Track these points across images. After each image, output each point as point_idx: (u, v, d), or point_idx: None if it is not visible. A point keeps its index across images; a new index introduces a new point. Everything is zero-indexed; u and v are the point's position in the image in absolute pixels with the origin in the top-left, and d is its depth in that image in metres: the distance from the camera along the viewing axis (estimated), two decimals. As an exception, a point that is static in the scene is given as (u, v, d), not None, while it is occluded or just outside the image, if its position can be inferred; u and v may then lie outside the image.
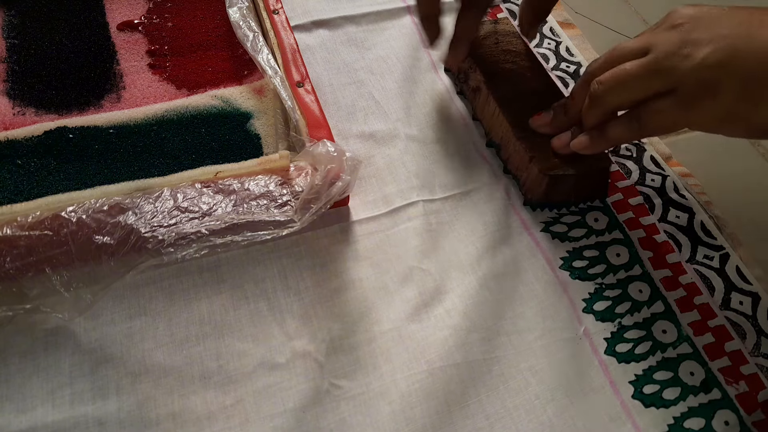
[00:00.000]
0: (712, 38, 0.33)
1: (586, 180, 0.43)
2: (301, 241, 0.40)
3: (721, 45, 0.33)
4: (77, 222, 0.35)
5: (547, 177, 0.41)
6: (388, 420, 0.34)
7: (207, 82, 0.48)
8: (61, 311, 0.34)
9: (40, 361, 0.35)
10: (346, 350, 0.36)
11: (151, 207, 0.36)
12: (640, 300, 0.40)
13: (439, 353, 0.37)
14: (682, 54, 0.34)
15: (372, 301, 0.39)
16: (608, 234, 0.43)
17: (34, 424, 0.33)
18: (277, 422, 0.34)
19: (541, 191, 0.42)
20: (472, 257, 0.41)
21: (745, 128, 0.34)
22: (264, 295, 0.38)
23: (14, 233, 0.34)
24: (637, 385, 0.36)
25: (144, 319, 0.36)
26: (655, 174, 0.46)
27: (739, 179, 0.51)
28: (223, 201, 0.37)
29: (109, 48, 0.49)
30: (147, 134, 0.43)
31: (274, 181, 0.39)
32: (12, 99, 0.45)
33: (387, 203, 0.43)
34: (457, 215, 0.43)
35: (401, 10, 0.57)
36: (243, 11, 0.48)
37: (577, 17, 0.62)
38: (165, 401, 0.34)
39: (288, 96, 0.43)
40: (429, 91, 0.51)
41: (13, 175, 0.40)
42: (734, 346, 0.38)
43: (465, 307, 0.39)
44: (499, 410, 0.35)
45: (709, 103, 0.33)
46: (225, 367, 0.35)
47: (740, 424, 0.35)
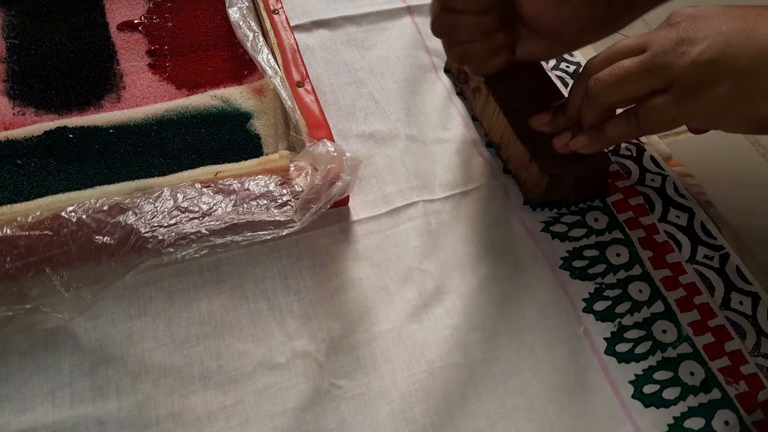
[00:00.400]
0: (708, 35, 0.33)
1: (586, 179, 0.43)
2: (301, 241, 0.40)
3: (716, 41, 0.33)
4: (77, 222, 0.35)
5: (548, 176, 0.41)
6: (388, 420, 0.34)
7: (207, 82, 0.48)
8: (61, 311, 0.34)
9: (40, 361, 0.35)
10: (346, 350, 0.36)
11: (151, 207, 0.36)
12: (640, 300, 0.40)
13: (439, 353, 0.37)
14: (679, 51, 0.34)
15: (372, 301, 0.39)
16: (608, 234, 0.43)
17: (34, 424, 0.33)
18: (277, 422, 0.34)
19: (542, 190, 0.42)
20: (472, 257, 0.41)
21: (741, 122, 0.34)
22: (264, 295, 0.38)
23: (14, 233, 0.34)
24: (636, 385, 0.36)
25: (144, 319, 0.36)
26: (655, 174, 0.46)
27: (739, 179, 0.51)
28: (223, 201, 0.37)
29: (109, 48, 0.49)
30: (147, 134, 0.43)
31: (274, 181, 0.39)
32: (12, 99, 0.45)
33: (387, 203, 0.43)
34: (458, 215, 0.43)
35: (401, 11, 0.57)
36: (243, 11, 0.48)
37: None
38: (165, 401, 0.34)
39: (288, 96, 0.43)
40: (429, 91, 0.51)
41: (13, 175, 0.40)
42: (734, 346, 0.38)
43: (465, 306, 0.39)
44: (499, 410, 0.35)
45: (705, 99, 0.33)
46: (225, 367, 0.35)
47: (740, 424, 0.35)
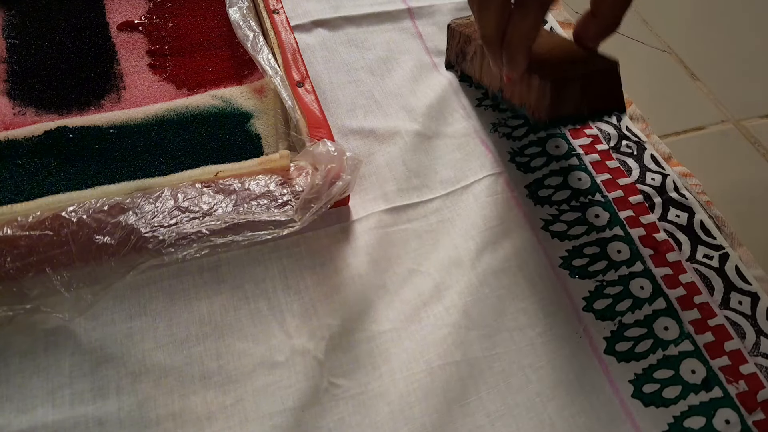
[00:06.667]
0: None
1: (594, 84, 0.39)
2: (302, 241, 0.40)
3: None
4: (78, 222, 0.35)
5: (549, 83, 0.38)
6: (388, 419, 0.34)
7: (207, 82, 0.48)
8: (61, 311, 0.35)
9: (40, 361, 0.35)
10: (345, 349, 0.36)
11: (151, 207, 0.36)
12: (642, 297, 0.40)
13: (438, 352, 0.37)
14: None
15: (372, 299, 0.39)
16: (609, 230, 0.43)
17: (34, 424, 0.33)
18: (276, 421, 0.34)
19: (548, 104, 0.38)
20: (471, 253, 0.41)
21: None
22: (264, 295, 0.38)
23: (14, 233, 0.34)
24: (636, 384, 0.37)
25: (144, 319, 0.36)
26: (655, 173, 0.46)
27: (739, 179, 0.51)
28: (224, 201, 0.37)
29: (109, 48, 0.49)
30: (147, 134, 0.43)
31: (275, 180, 0.39)
32: (12, 99, 0.45)
33: (387, 202, 0.43)
34: (458, 211, 0.43)
35: (402, 12, 0.57)
36: (243, 11, 0.49)
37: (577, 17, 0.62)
38: (165, 401, 0.34)
39: (288, 96, 0.43)
40: (429, 90, 0.51)
41: (13, 175, 0.40)
42: (733, 346, 0.38)
43: (464, 304, 0.39)
44: (500, 408, 0.35)
45: None
46: (225, 367, 0.35)
47: (741, 423, 0.35)
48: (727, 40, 0.63)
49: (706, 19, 0.66)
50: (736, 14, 0.67)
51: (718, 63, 0.61)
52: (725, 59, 0.61)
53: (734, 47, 0.63)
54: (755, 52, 0.62)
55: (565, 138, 0.48)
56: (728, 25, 0.65)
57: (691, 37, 0.62)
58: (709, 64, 0.60)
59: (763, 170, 0.51)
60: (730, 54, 0.62)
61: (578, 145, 0.47)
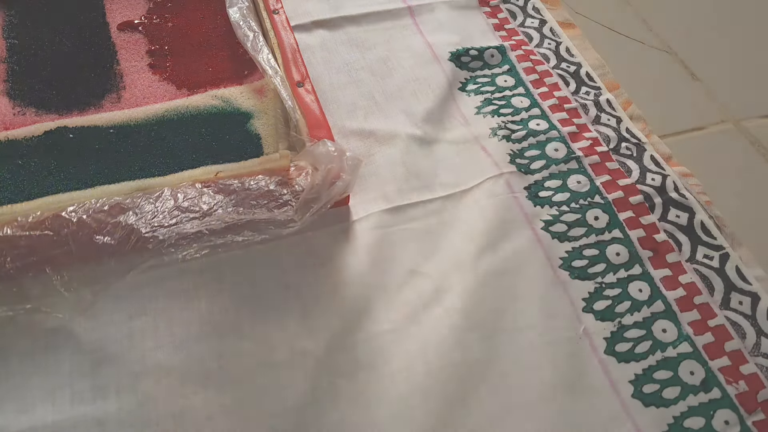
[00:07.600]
0: None
1: None
2: (302, 241, 0.40)
3: None
4: (78, 222, 0.35)
5: None
6: (387, 420, 0.34)
7: (207, 82, 0.48)
8: (61, 311, 0.35)
9: (40, 361, 0.35)
10: (345, 349, 0.36)
11: (151, 207, 0.36)
12: (640, 299, 0.40)
13: (437, 352, 0.37)
14: None
15: (372, 300, 0.39)
16: (608, 233, 0.43)
17: (34, 424, 0.33)
18: (276, 421, 0.34)
19: None
20: (471, 255, 0.41)
21: None
22: (264, 295, 0.38)
23: (15, 233, 0.34)
24: (636, 385, 0.37)
25: (144, 318, 0.36)
26: (655, 173, 0.46)
27: (739, 179, 0.51)
28: (224, 201, 0.37)
29: (110, 48, 0.49)
30: (147, 134, 0.43)
31: (275, 180, 0.39)
32: (12, 99, 0.45)
33: (387, 202, 0.43)
34: (458, 213, 0.43)
35: (402, 11, 0.57)
36: (243, 11, 0.48)
37: (577, 17, 0.62)
38: (165, 401, 0.34)
39: (288, 96, 0.43)
40: (429, 90, 0.51)
41: (13, 175, 0.40)
42: (734, 346, 0.38)
43: (464, 305, 0.39)
44: (500, 409, 0.35)
45: None
46: (225, 366, 0.35)
47: (740, 424, 0.35)
48: (727, 40, 0.63)
49: (706, 19, 0.66)
50: (736, 14, 0.67)
51: (718, 63, 0.61)
52: (725, 59, 0.61)
53: (734, 47, 0.63)
54: (755, 52, 0.62)
55: (564, 141, 0.48)
56: (728, 25, 0.65)
57: (691, 37, 0.62)
58: (709, 64, 0.60)
59: (763, 170, 0.51)
60: (730, 54, 0.62)
61: (577, 147, 0.47)
